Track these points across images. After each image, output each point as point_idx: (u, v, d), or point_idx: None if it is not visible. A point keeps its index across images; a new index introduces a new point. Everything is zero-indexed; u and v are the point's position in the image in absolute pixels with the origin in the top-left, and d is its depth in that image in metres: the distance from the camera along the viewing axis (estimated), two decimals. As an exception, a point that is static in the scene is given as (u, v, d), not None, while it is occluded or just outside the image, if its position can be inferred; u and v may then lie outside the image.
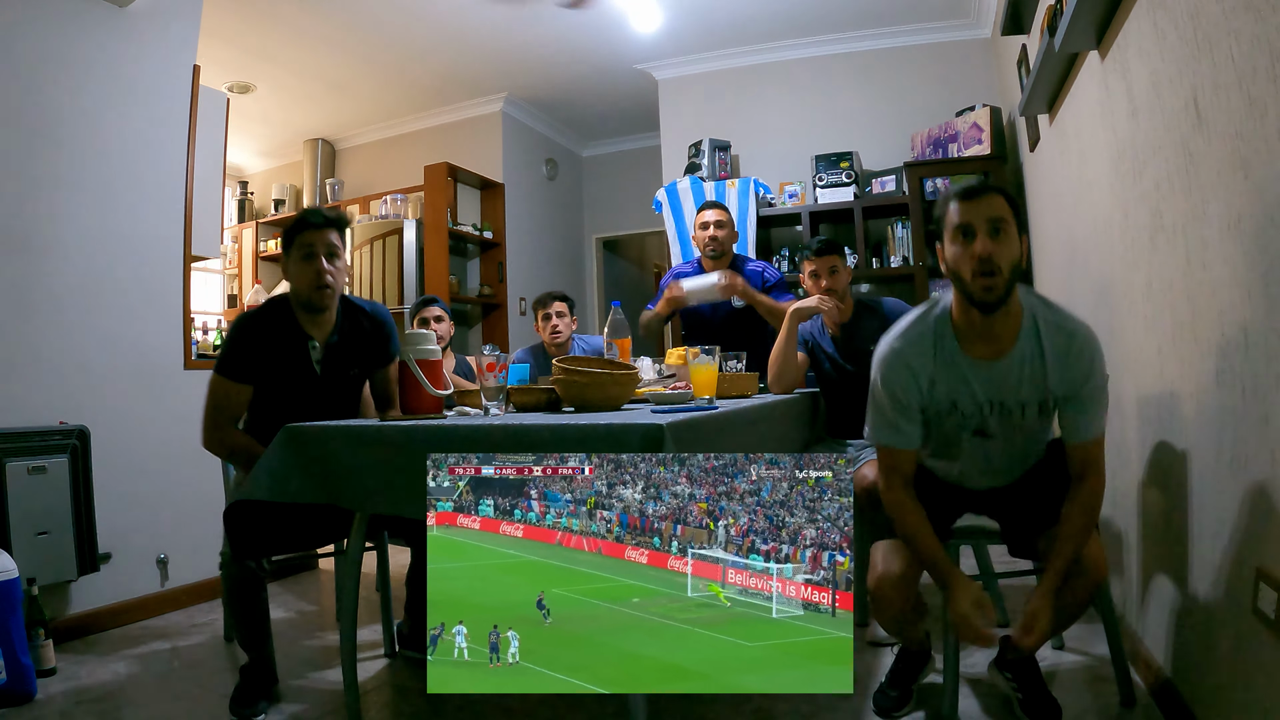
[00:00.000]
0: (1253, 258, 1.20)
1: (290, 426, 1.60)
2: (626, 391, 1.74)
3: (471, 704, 1.84)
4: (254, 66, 4.31)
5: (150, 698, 1.98)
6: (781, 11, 4.06)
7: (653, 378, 2.28)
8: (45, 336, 2.47)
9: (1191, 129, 1.42)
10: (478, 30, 4.08)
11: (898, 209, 3.95)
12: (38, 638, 2.10)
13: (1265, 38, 1.11)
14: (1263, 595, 1.18)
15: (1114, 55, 1.88)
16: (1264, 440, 1.18)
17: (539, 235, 5.56)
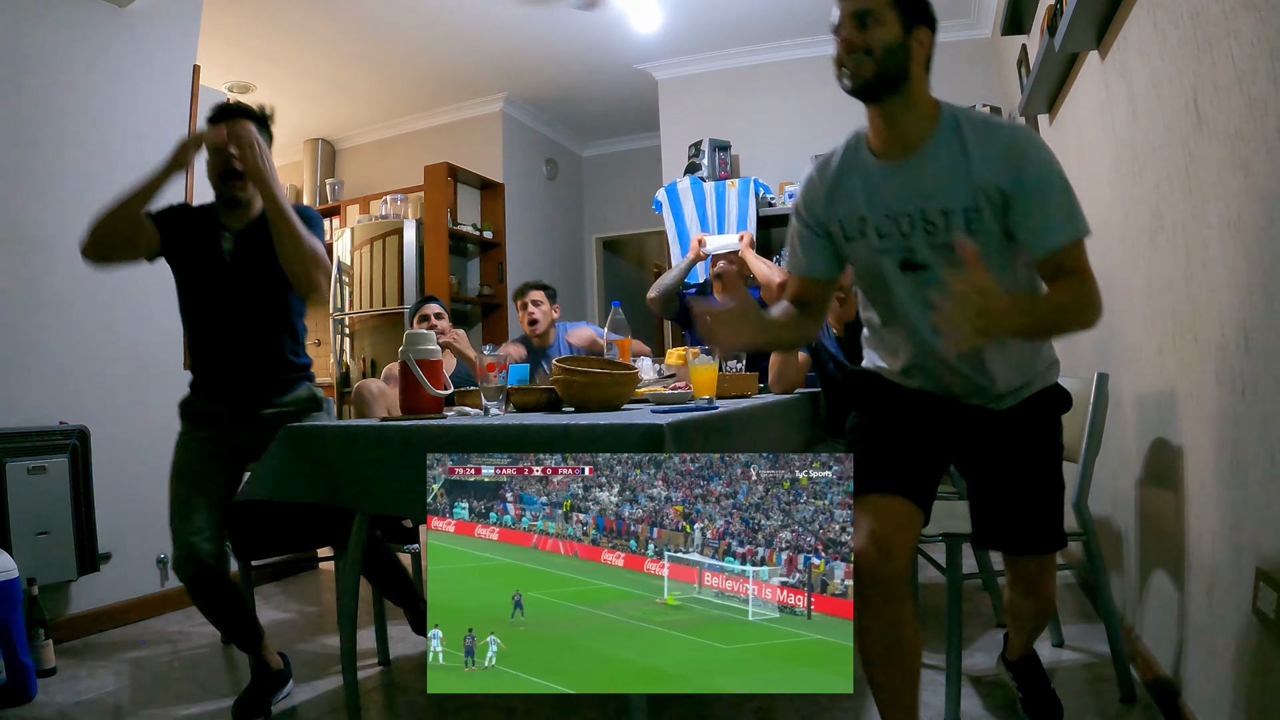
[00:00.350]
0: (1253, 258, 1.20)
1: (290, 426, 1.60)
2: (626, 391, 1.74)
3: (472, 704, 1.84)
4: (254, 66, 4.31)
5: (150, 698, 1.98)
6: (781, 11, 4.06)
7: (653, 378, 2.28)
8: (45, 336, 2.47)
9: (1191, 129, 1.42)
10: (478, 30, 4.08)
11: (898, 209, 3.95)
12: (38, 638, 2.10)
13: (1265, 38, 1.11)
14: (1263, 595, 1.18)
15: (1114, 55, 1.88)
16: (1264, 440, 1.18)
17: (539, 235, 5.56)
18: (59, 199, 2.52)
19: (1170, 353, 1.63)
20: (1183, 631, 1.58)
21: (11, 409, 2.34)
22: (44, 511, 2.31)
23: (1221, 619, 1.37)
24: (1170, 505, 1.65)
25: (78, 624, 2.46)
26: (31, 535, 2.27)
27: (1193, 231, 1.45)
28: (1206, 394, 1.43)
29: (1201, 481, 1.47)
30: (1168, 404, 1.65)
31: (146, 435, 2.72)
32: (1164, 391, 1.68)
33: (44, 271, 2.47)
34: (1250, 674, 1.25)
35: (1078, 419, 1.78)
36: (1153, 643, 1.79)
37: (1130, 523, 1.99)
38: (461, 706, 1.84)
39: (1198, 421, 1.48)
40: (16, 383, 2.38)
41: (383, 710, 1.91)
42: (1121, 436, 2.01)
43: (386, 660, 2.19)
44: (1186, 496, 1.55)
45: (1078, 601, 2.43)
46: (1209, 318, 1.40)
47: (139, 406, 2.71)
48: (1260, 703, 1.21)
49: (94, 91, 2.63)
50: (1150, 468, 1.80)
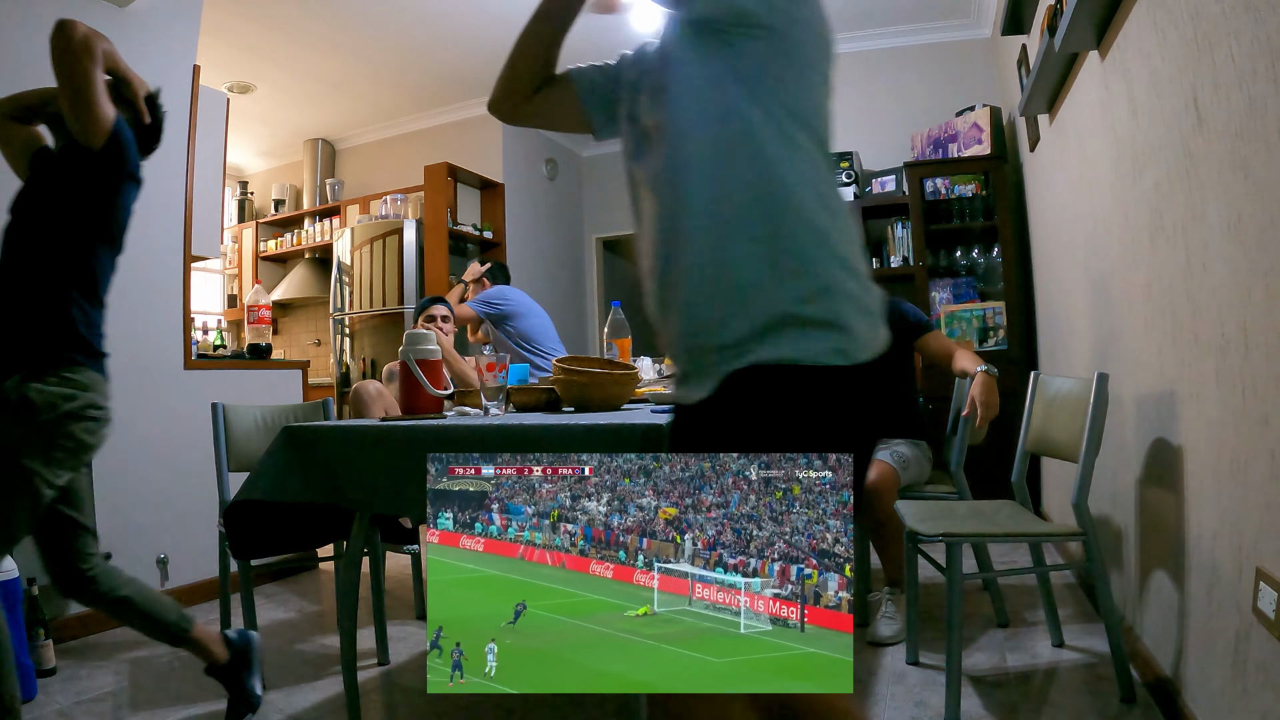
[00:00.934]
0: (1253, 258, 1.20)
1: (290, 427, 1.60)
2: (626, 391, 1.74)
3: (472, 704, 1.84)
4: (254, 66, 4.31)
5: (150, 698, 1.98)
6: (781, 11, 4.06)
7: (653, 378, 2.28)
8: (45, 336, 2.46)
9: (1191, 129, 1.42)
10: (477, 30, 4.08)
11: (897, 209, 3.95)
12: (38, 638, 2.10)
13: (1265, 38, 1.11)
14: (1263, 595, 1.18)
15: (1114, 55, 1.88)
16: (1264, 440, 1.18)
17: (539, 235, 5.56)
18: (59, 199, 2.52)
19: (1170, 353, 1.63)
20: (1183, 631, 1.58)
21: (11, 409, 2.34)
22: (44, 511, 2.31)
23: (1221, 619, 1.37)
24: (1170, 505, 1.65)
25: (78, 624, 2.46)
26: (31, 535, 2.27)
27: (1193, 231, 1.45)
28: (1206, 394, 1.43)
29: (1201, 481, 1.47)
30: (1168, 404, 1.65)
31: (146, 435, 2.72)
32: (1164, 391, 1.68)
33: (44, 271, 2.47)
34: (1250, 674, 1.25)
35: (1078, 419, 1.78)
36: (1153, 643, 1.79)
37: (1130, 522, 1.99)
38: (462, 706, 1.84)
39: (1198, 421, 1.48)
40: (16, 383, 2.38)
41: (383, 710, 1.91)
42: (1121, 436, 2.01)
43: (386, 660, 2.19)
44: (1186, 496, 1.55)
45: (1078, 601, 2.42)
46: (1209, 318, 1.40)
47: (139, 406, 2.70)
48: (1260, 702, 1.21)
49: (94, 91, 2.62)
50: (1150, 468, 1.80)
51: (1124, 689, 1.69)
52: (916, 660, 1.99)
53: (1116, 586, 2.09)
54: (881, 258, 4.03)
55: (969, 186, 3.72)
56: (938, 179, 3.77)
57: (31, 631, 2.07)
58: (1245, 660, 1.27)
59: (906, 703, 1.76)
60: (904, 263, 3.93)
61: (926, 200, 3.77)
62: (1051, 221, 2.97)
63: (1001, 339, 3.56)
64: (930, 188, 3.78)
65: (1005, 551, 2.98)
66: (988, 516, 1.88)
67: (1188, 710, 1.51)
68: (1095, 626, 2.13)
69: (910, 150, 4.10)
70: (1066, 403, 1.89)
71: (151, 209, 2.80)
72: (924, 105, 4.15)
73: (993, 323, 3.60)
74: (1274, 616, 1.14)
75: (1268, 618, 1.16)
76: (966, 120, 3.82)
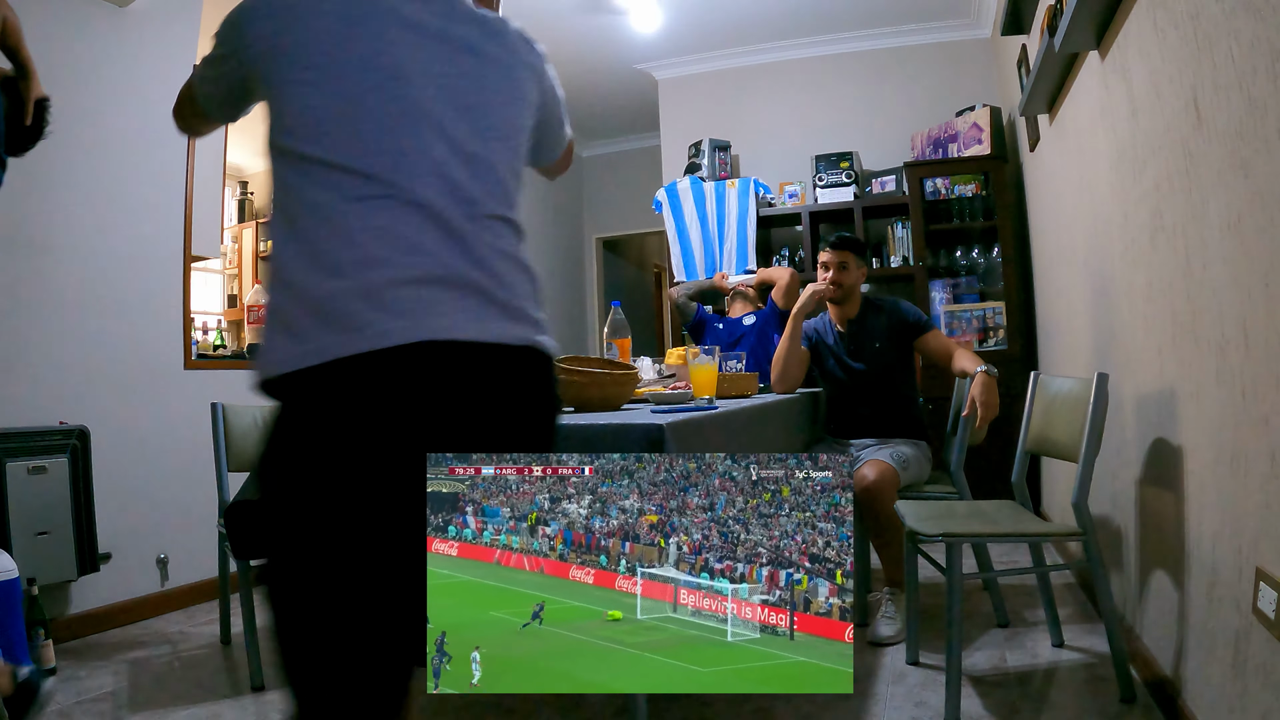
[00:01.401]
0: (1253, 258, 1.20)
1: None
2: (626, 391, 1.74)
3: (472, 704, 1.84)
4: (254, 66, 4.31)
5: (150, 698, 1.98)
6: (781, 11, 4.06)
7: (653, 378, 2.28)
8: (45, 336, 2.46)
9: (1191, 129, 1.42)
10: (478, 30, 4.08)
11: (898, 209, 3.95)
12: (38, 638, 2.10)
13: (1265, 38, 1.11)
14: (1263, 595, 1.18)
15: (1114, 55, 1.88)
16: (1264, 440, 1.18)
17: (539, 235, 5.56)
18: (59, 199, 2.52)
19: (1170, 353, 1.63)
20: (1183, 631, 1.58)
21: (11, 409, 2.34)
22: (44, 511, 2.31)
23: (1221, 619, 1.37)
24: (1170, 505, 1.65)
25: (78, 624, 2.46)
26: (31, 535, 2.27)
27: (1193, 231, 1.45)
28: (1206, 394, 1.43)
29: (1201, 481, 1.47)
30: (1168, 404, 1.65)
31: (146, 435, 2.72)
32: (1164, 391, 1.68)
33: (44, 271, 2.47)
34: (1250, 674, 1.25)
35: (1078, 419, 1.78)
36: (1153, 643, 1.79)
37: (1130, 522, 1.99)
38: (461, 706, 1.84)
39: (1198, 421, 1.48)
40: (16, 383, 2.38)
41: (383, 710, 1.91)
42: (1121, 436, 2.01)
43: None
44: (1186, 496, 1.55)
45: (1078, 601, 2.42)
46: (1209, 318, 1.40)
47: (139, 406, 2.71)
48: (1260, 702, 1.21)
49: (93, 91, 2.62)
50: (1150, 468, 1.80)
51: (1124, 689, 1.69)
52: (916, 660, 1.99)
53: (1116, 586, 2.09)
54: (881, 258, 4.04)
55: (969, 186, 3.72)
56: (938, 179, 3.77)
57: (31, 631, 2.07)
58: (1245, 660, 1.27)
59: (906, 703, 1.76)
60: (904, 263, 3.93)
61: (926, 200, 3.77)
62: (1051, 221, 2.97)
63: (1001, 339, 3.56)
64: (930, 188, 3.78)
65: (1005, 551, 2.97)
66: (988, 516, 1.88)
67: (1188, 710, 1.51)
68: (1095, 626, 2.13)
69: (910, 150, 4.10)
70: (1066, 403, 1.89)
71: (151, 209, 2.81)
72: (924, 105, 4.15)
73: (993, 323, 3.60)
74: (1274, 616, 1.14)
75: (1268, 618, 1.16)
76: (966, 120, 3.82)
